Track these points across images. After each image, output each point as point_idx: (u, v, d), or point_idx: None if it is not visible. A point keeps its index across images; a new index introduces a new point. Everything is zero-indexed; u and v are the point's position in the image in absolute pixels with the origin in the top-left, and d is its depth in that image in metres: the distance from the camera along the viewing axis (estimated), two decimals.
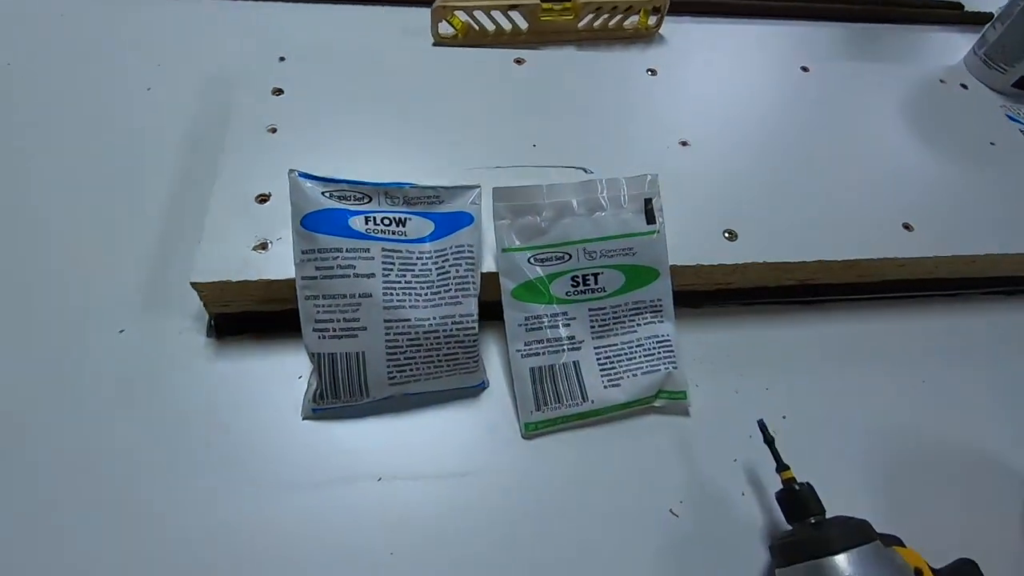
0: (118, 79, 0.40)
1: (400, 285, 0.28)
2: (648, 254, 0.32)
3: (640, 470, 0.30)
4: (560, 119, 0.39)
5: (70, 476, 0.26)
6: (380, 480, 0.28)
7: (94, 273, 0.32)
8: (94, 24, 0.44)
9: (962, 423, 0.34)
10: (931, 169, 0.41)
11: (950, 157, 0.42)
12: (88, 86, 0.40)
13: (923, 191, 0.39)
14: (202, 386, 0.29)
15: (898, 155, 0.41)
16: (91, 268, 0.32)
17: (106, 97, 0.39)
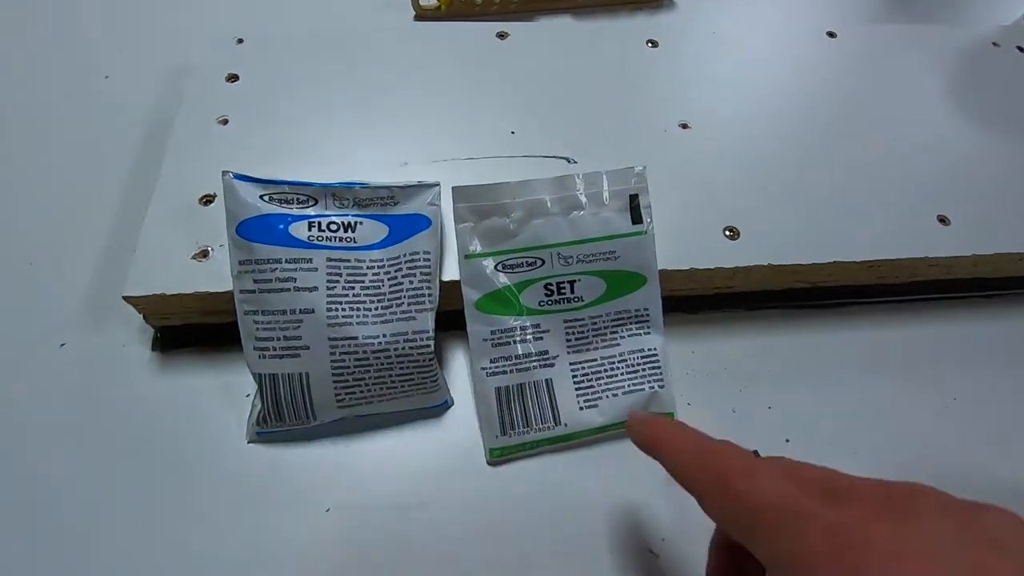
0: (75, 67, 0.38)
1: (347, 299, 0.25)
2: (633, 258, 0.28)
3: (618, 503, 0.27)
4: (543, 101, 0.35)
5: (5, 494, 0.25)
6: (328, 511, 0.25)
7: (36, 281, 0.30)
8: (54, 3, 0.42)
9: (1000, 451, 0.29)
10: (976, 151, 0.36)
11: (1001, 136, 0.36)
12: (42, 74, 0.38)
13: (965, 177, 0.34)
14: (144, 403, 0.27)
15: (937, 135, 0.36)
16: (33, 275, 0.30)
17: (60, 87, 0.37)
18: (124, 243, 0.31)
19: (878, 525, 0.15)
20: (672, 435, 0.20)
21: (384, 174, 0.30)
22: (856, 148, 0.35)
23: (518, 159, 0.32)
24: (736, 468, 0.18)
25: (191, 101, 0.32)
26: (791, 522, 0.16)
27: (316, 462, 0.27)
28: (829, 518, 0.15)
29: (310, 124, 0.32)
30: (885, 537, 0.15)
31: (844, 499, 0.16)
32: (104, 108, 0.36)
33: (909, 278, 0.33)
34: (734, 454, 0.18)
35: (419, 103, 0.34)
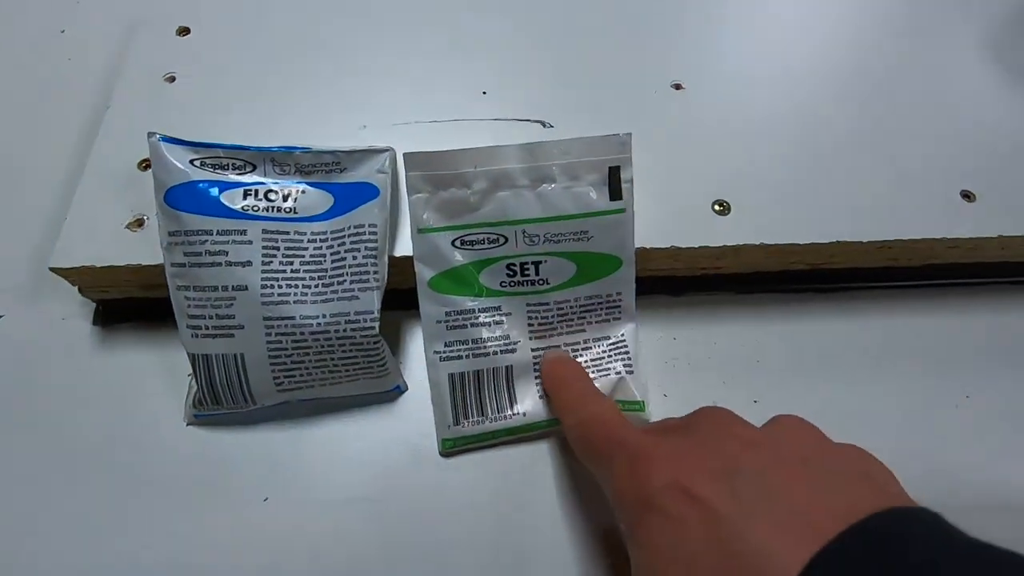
0: (29, 20, 0.36)
1: (285, 276, 0.23)
2: (609, 239, 0.25)
3: (578, 499, 0.25)
4: (520, 58, 0.32)
5: None
6: (266, 500, 0.24)
7: None
8: None
9: (1013, 455, 0.26)
10: (1013, 118, 0.31)
11: None
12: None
13: (997, 148, 0.30)
14: (82, 379, 0.26)
15: (969, 97, 0.32)
16: None
17: (12, 43, 0.35)
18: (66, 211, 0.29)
19: (665, 442, 0.19)
20: (565, 379, 0.24)
21: (340, 138, 0.27)
22: (870, 111, 0.31)
23: (487, 122, 0.29)
24: (593, 414, 0.22)
25: (136, 56, 0.30)
26: (613, 450, 0.20)
27: (256, 448, 0.25)
28: (636, 444, 0.19)
29: (264, 83, 0.30)
30: (665, 448, 0.19)
31: (659, 432, 0.20)
32: (58, 65, 0.34)
33: (925, 261, 0.29)
34: (598, 404, 0.22)
35: (383, 60, 0.31)
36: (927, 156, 0.29)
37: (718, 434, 0.19)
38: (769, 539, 0.15)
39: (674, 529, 0.17)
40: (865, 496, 0.16)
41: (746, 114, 0.30)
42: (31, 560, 0.22)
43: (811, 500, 0.16)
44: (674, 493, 0.17)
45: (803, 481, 0.17)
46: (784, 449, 0.18)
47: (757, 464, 0.17)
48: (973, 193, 0.28)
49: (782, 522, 0.15)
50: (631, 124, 0.27)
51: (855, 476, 0.17)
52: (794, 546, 0.15)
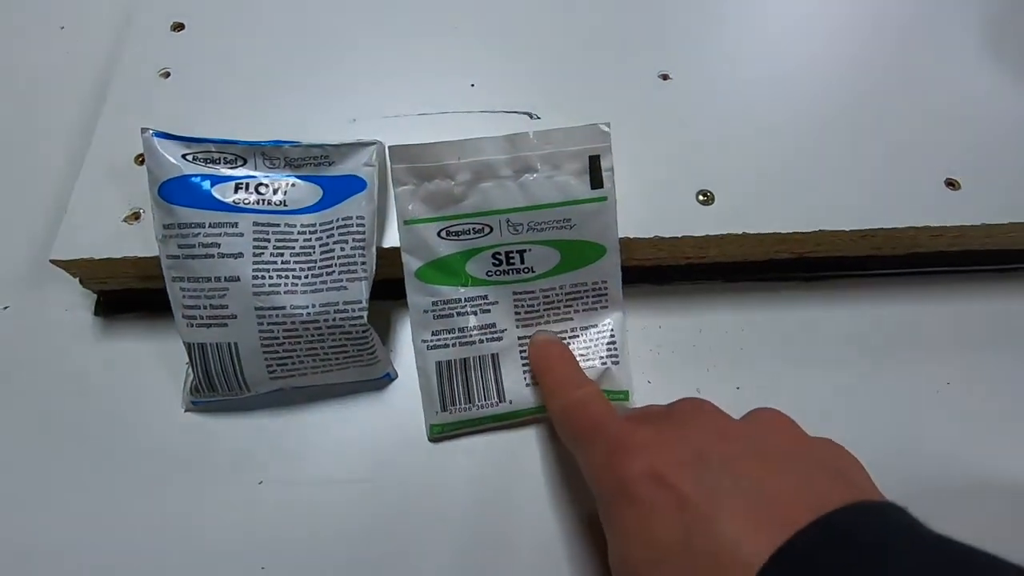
0: (29, 18, 0.37)
1: (275, 267, 0.24)
2: (592, 226, 0.26)
3: (563, 483, 0.25)
4: (508, 50, 0.32)
5: None
6: (261, 483, 0.25)
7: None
8: None
9: (991, 440, 0.27)
10: (1003, 105, 0.31)
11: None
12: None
13: (982, 137, 0.30)
14: (84, 368, 0.27)
15: (954, 88, 0.32)
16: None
17: (11, 41, 0.36)
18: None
19: (644, 430, 0.19)
20: (552, 361, 0.25)
21: (330, 132, 0.28)
22: (855, 102, 0.31)
23: (475, 115, 0.30)
24: (578, 398, 0.22)
25: (132, 53, 0.30)
26: (594, 436, 0.20)
27: (252, 433, 0.26)
28: (616, 430, 0.20)
29: (257, 77, 0.30)
30: (643, 436, 0.19)
31: (640, 420, 0.21)
32: (57, 61, 0.35)
33: (909, 250, 0.30)
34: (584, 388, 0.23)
35: (373, 54, 0.31)
36: (911, 144, 0.30)
37: (696, 425, 0.20)
38: (736, 529, 0.15)
39: (645, 515, 0.17)
40: (834, 490, 0.16)
41: (732, 105, 0.30)
42: (35, 540, 0.23)
43: (780, 492, 0.16)
44: (647, 480, 0.18)
45: (774, 473, 0.17)
46: (759, 441, 0.19)
47: (730, 455, 0.18)
48: (957, 181, 0.29)
49: (750, 513, 0.16)
50: (618, 114, 0.28)
51: (826, 470, 0.17)
52: (760, 537, 0.15)
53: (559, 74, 0.31)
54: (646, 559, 0.17)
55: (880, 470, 0.26)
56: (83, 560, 0.23)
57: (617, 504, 0.18)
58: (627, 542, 0.18)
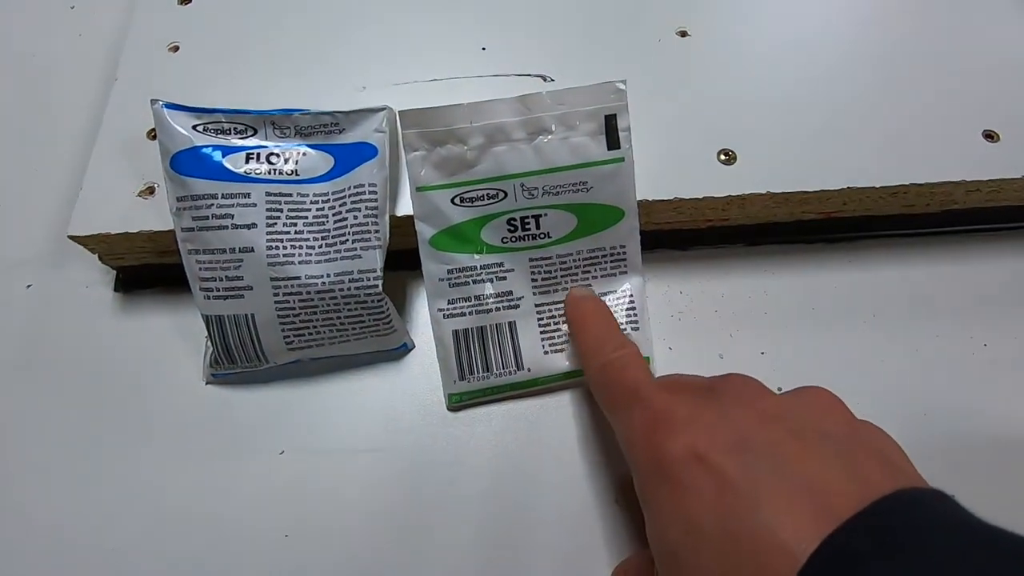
0: None
1: (289, 236, 0.24)
2: (608, 189, 0.25)
3: (583, 452, 0.25)
4: (520, 11, 0.31)
5: None
6: (283, 453, 0.25)
7: (5, 221, 0.30)
8: None
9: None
10: None
11: None
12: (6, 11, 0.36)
13: (1022, 87, 0.28)
14: (105, 344, 0.27)
15: (991, 37, 0.30)
16: (2, 215, 0.30)
17: (23, 22, 0.36)
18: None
19: (685, 405, 0.19)
20: (587, 316, 0.24)
21: (340, 101, 0.28)
22: (885, 52, 0.29)
23: (488, 79, 0.29)
24: (618, 357, 0.21)
25: (140, 27, 0.30)
26: (632, 403, 0.20)
27: (272, 404, 0.26)
28: (656, 401, 0.19)
29: (266, 48, 0.30)
30: (685, 412, 0.18)
31: (678, 391, 0.20)
32: (69, 40, 0.35)
33: (944, 207, 0.28)
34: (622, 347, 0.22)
35: (381, 21, 0.31)
36: (946, 97, 0.28)
37: (740, 404, 0.19)
38: (779, 517, 0.15)
39: (686, 498, 0.17)
40: (880, 477, 0.16)
41: (754, 60, 0.29)
42: (63, 510, 0.24)
43: (825, 479, 0.16)
44: (690, 462, 0.17)
45: (819, 459, 0.16)
46: (804, 424, 0.18)
47: (775, 439, 0.17)
48: (996, 133, 0.27)
49: (794, 500, 0.15)
50: (635, 73, 0.27)
51: (872, 455, 0.17)
52: (804, 525, 0.14)
53: (574, 34, 0.30)
54: (685, 542, 0.16)
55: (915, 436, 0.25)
56: (110, 528, 0.24)
57: (655, 481, 0.18)
58: (666, 522, 0.17)
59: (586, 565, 0.23)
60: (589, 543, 0.23)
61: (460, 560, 0.23)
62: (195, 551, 0.23)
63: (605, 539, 0.23)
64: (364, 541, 0.23)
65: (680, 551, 0.16)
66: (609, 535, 0.23)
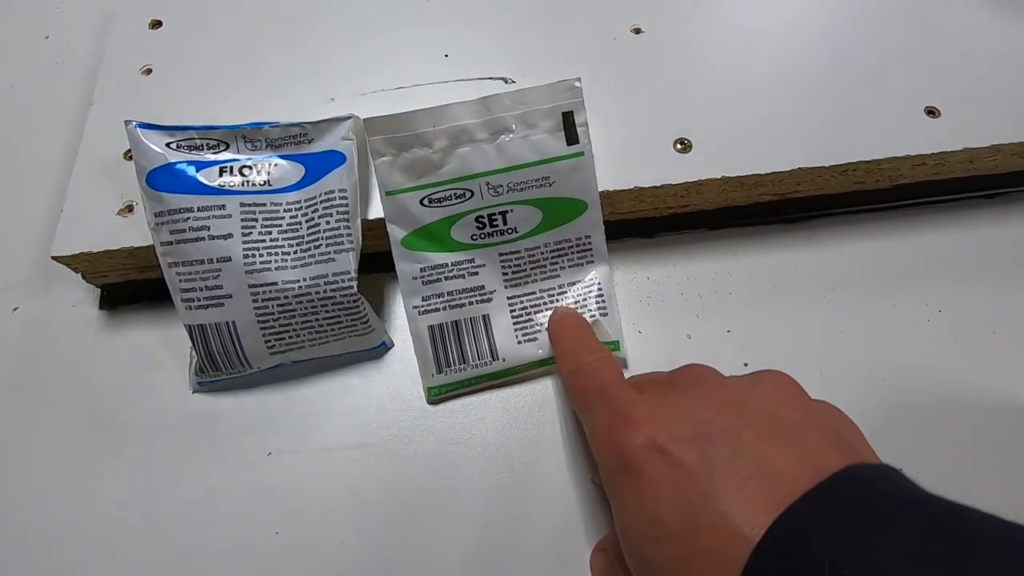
0: (15, 30, 0.37)
1: (264, 245, 0.25)
2: (571, 182, 0.26)
3: (560, 435, 0.26)
4: (480, 17, 0.32)
5: None
6: (270, 455, 0.26)
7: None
8: None
9: (986, 362, 0.27)
10: (983, 29, 0.31)
11: (1021, 12, 0.32)
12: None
13: (960, 65, 0.30)
14: (93, 361, 0.28)
15: (932, 15, 0.31)
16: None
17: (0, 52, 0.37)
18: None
19: (647, 400, 0.19)
20: (566, 331, 0.25)
21: (310, 112, 0.29)
22: (826, 35, 0.31)
23: (451, 84, 0.30)
24: (588, 362, 0.22)
25: (113, 52, 0.31)
26: (598, 402, 0.21)
27: (257, 408, 0.27)
28: (619, 398, 0.20)
29: (235, 67, 0.31)
30: (646, 407, 0.19)
31: (644, 388, 0.21)
32: (46, 68, 0.36)
33: (893, 182, 0.30)
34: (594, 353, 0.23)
35: (344, 35, 0.32)
36: (889, 77, 0.29)
37: (699, 396, 0.19)
38: (736, 504, 0.15)
39: (648, 488, 0.17)
40: (832, 455, 0.16)
41: (704, 53, 0.30)
42: (62, 519, 0.25)
43: (780, 463, 0.16)
44: (650, 453, 0.17)
45: (775, 445, 0.17)
46: (760, 411, 0.18)
47: (731, 428, 0.17)
48: (937, 109, 0.29)
49: (750, 487, 0.16)
50: (592, 71, 0.28)
51: (826, 435, 0.17)
52: (759, 511, 0.15)
53: (532, 37, 0.31)
54: (649, 535, 0.17)
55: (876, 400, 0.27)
56: (109, 534, 0.24)
57: (618, 474, 0.18)
58: (630, 515, 0.18)
59: (568, 542, 0.24)
60: (570, 521, 0.24)
61: (448, 546, 0.24)
62: (191, 551, 0.24)
63: (584, 517, 0.24)
64: (354, 534, 0.24)
65: (644, 541, 0.17)
66: (587, 513, 0.24)
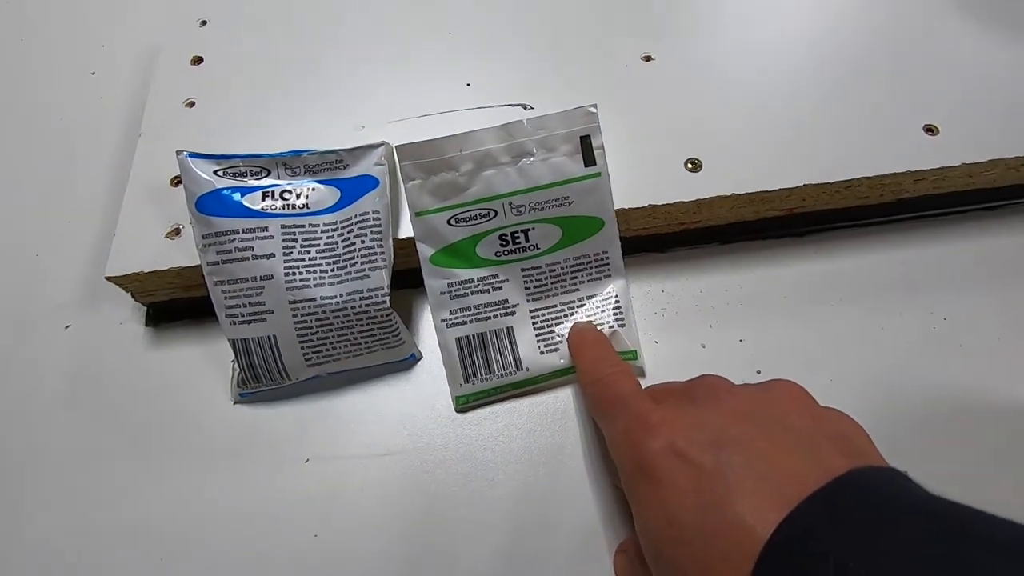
0: (63, 67, 0.40)
1: (304, 263, 0.27)
2: (588, 202, 0.28)
3: (582, 441, 0.27)
4: (500, 48, 0.34)
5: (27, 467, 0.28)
6: (308, 461, 0.27)
7: (43, 271, 0.33)
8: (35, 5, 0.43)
9: (990, 368, 0.28)
10: (977, 51, 0.33)
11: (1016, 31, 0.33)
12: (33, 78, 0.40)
13: (956, 84, 0.31)
14: (140, 375, 0.30)
15: (928, 38, 0.33)
16: (40, 266, 0.33)
17: (52, 88, 0.39)
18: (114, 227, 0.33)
19: (664, 408, 0.21)
20: (586, 344, 0.27)
21: (342, 140, 0.31)
22: (829, 57, 0.32)
23: (474, 111, 0.32)
24: (608, 374, 0.24)
25: (158, 86, 0.33)
26: (617, 411, 0.22)
27: (295, 418, 0.28)
28: (638, 407, 0.21)
29: (271, 98, 0.33)
30: (664, 415, 0.20)
31: (660, 398, 0.22)
32: (93, 102, 0.38)
33: (895, 196, 0.31)
34: (614, 366, 0.24)
35: (375, 65, 0.34)
36: (888, 97, 0.31)
37: (714, 404, 0.20)
38: (749, 507, 0.16)
39: (666, 491, 0.18)
40: (838, 461, 0.17)
41: (711, 78, 0.32)
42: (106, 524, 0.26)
43: (791, 469, 0.17)
44: (669, 458, 0.18)
45: (787, 452, 0.18)
46: (772, 419, 0.19)
47: (745, 435, 0.18)
48: (936, 127, 0.30)
49: (762, 491, 0.17)
50: (605, 96, 0.30)
51: (835, 442, 0.18)
52: (770, 513, 0.16)
53: (549, 65, 0.33)
54: (667, 537, 0.18)
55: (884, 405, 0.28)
56: (158, 537, 0.26)
57: (638, 479, 0.19)
58: (649, 518, 0.19)
59: (591, 543, 0.25)
60: (592, 523, 0.25)
61: (476, 547, 0.25)
62: (235, 552, 0.25)
63: (605, 520, 0.25)
64: (387, 535, 0.26)
65: (663, 541, 0.18)
66: (609, 516, 0.26)
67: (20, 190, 0.35)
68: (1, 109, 0.39)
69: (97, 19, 0.43)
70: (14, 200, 0.35)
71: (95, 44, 0.41)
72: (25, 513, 0.27)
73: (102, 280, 0.31)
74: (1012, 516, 0.15)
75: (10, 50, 0.42)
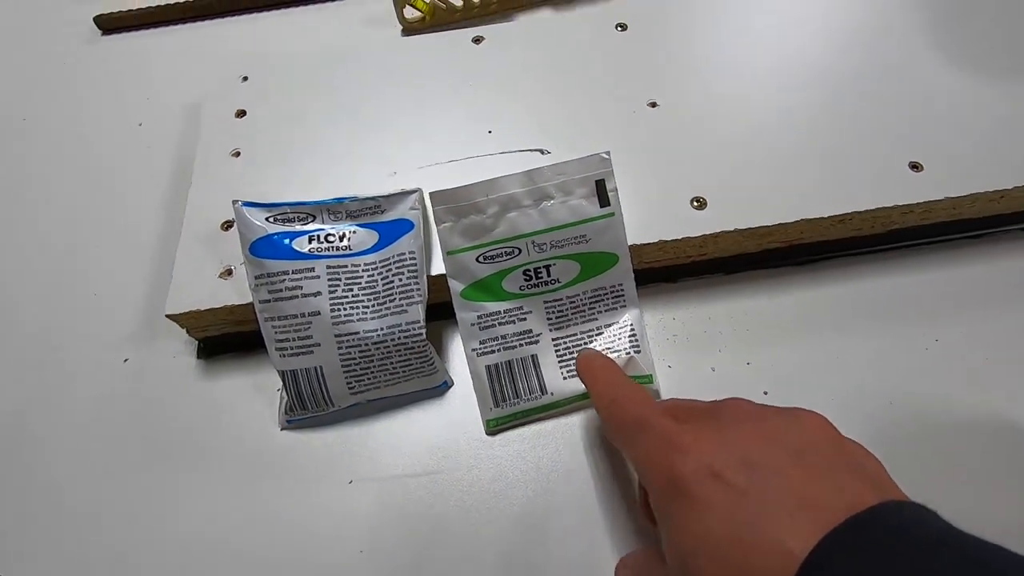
0: (112, 119, 0.43)
1: (347, 300, 0.29)
2: (604, 239, 0.31)
3: (605, 460, 0.29)
4: (517, 98, 0.37)
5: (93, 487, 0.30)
6: (351, 483, 0.30)
7: (102, 308, 0.35)
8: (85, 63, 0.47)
9: (982, 387, 0.30)
10: (954, 92, 0.35)
11: (989, 74, 0.36)
12: (83, 131, 0.43)
13: (938, 121, 0.34)
14: (192, 404, 0.32)
15: (912, 80, 0.36)
16: (100, 303, 0.36)
17: (100, 141, 0.42)
18: (167, 269, 0.36)
19: (692, 429, 0.21)
20: (595, 370, 0.27)
21: (375, 186, 0.34)
22: (821, 100, 0.35)
23: (495, 156, 0.35)
24: (623, 394, 0.24)
25: (206, 138, 0.37)
26: (641, 430, 0.22)
27: (338, 442, 0.31)
28: (664, 427, 0.21)
29: (310, 148, 0.36)
30: (693, 435, 0.21)
31: (684, 417, 0.22)
32: (141, 152, 0.42)
33: (886, 228, 0.34)
34: (626, 387, 0.25)
35: (403, 115, 0.37)
36: (875, 136, 0.34)
37: (741, 427, 0.21)
38: (783, 526, 0.17)
39: (701, 510, 0.18)
40: (865, 491, 0.18)
41: (713, 121, 0.35)
42: (163, 544, 0.29)
43: (820, 495, 0.18)
44: (705, 478, 0.19)
45: (814, 477, 0.19)
46: (800, 446, 0.20)
47: (775, 459, 0.19)
48: (920, 163, 0.33)
49: (795, 512, 0.17)
50: (615, 140, 0.33)
51: (859, 473, 0.19)
52: (804, 533, 0.17)
53: (563, 112, 0.36)
54: (701, 552, 0.18)
55: (882, 422, 0.30)
56: (214, 557, 0.28)
57: (670, 497, 0.20)
58: (684, 536, 0.19)
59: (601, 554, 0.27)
60: (607, 534, 0.28)
61: (510, 560, 0.27)
62: (287, 567, 0.28)
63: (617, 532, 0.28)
64: (427, 550, 0.28)
65: (696, 558, 0.18)
66: (630, 536, 0.28)
67: (75, 232, 0.38)
68: (55, 158, 0.42)
69: (140, 75, 0.46)
70: (69, 241, 0.38)
71: (141, 97, 0.44)
72: (97, 527, 0.29)
73: (156, 317, 0.34)
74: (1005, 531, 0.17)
75: (64, 105, 0.45)
